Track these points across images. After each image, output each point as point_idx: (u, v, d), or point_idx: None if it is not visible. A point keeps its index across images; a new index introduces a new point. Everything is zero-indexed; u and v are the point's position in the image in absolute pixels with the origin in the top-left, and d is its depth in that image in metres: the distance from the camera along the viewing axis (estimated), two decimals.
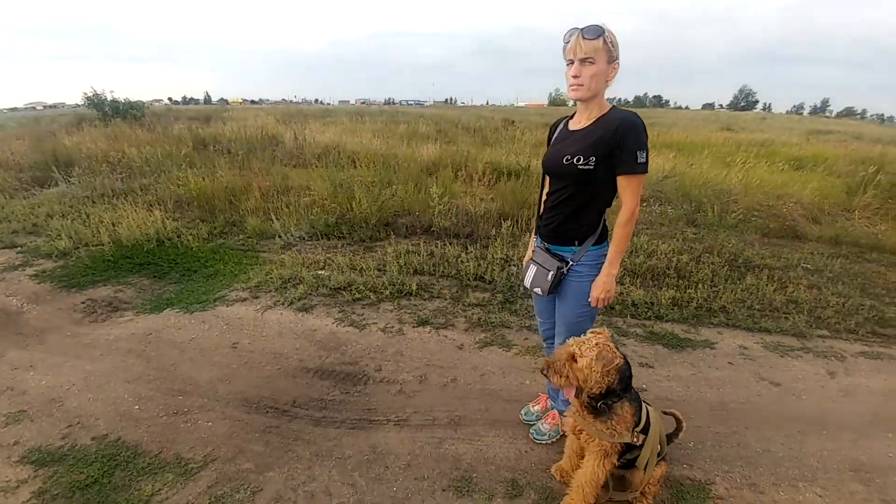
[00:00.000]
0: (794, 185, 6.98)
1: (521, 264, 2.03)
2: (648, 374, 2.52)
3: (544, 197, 1.80)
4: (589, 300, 1.64)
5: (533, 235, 1.92)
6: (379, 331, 2.90)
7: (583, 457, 1.70)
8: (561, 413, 2.01)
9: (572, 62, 1.50)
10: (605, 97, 1.55)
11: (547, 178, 1.77)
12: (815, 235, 5.03)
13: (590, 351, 1.43)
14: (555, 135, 1.72)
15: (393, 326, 2.95)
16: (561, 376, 1.45)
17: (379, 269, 3.75)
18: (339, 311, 3.12)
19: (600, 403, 1.52)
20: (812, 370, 2.62)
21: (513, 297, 3.37)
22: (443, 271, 3.76)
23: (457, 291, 3.47)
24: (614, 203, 1.61)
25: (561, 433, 2.01)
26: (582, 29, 1.46)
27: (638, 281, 3.66)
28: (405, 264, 3.79)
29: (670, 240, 4.57)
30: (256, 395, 2.27)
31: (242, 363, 2.53)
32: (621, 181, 1.50)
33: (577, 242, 1.65)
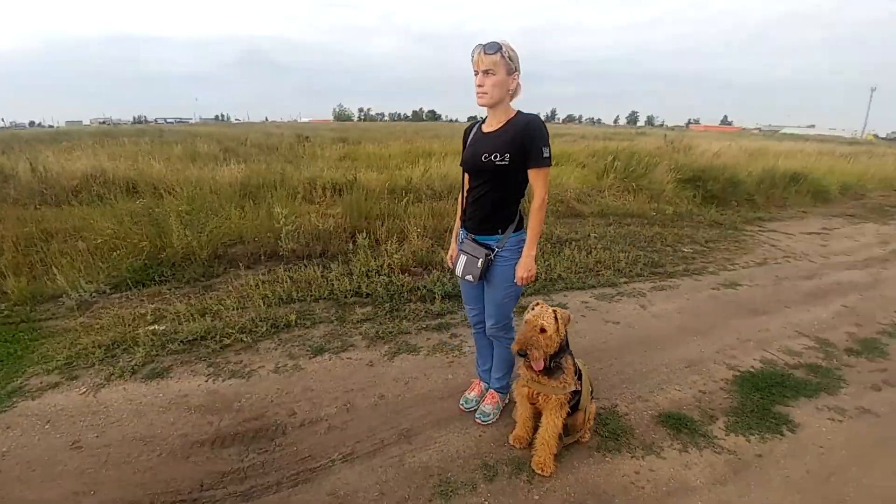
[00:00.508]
0: (561, 177, 9.03)
1: (449, 261, 2.13)
2: None
3: (465, 193, 1.96)
4: (514, 280, 1.87)
5: (457, 229, 2.06)
6: (271, 373, 2.52)
7: (535, 421, 1.94)
8: (499, 390, 2.20)
9: (477, 73, 1.70)
10: (512, 105, 1.80)
11: (467, 176, 1.93)
12: (588, 212, 6.66)
13: (549, 317, 1.66)
14: (469, 137, 1.89)
15: (285, 364, 2.61)
16: (538, 349, 1.63)
17: (239, 307, 3.23)
18: (208, 366, 2.58)
19: (553, 363, 1.77)
20: (630, 307, 3.54)
21: (398, 304, 3.41)
22: (314, 294, 3.50)
23: (337, 312, 3.29)
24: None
25: (501, 409, 2.20)
26: (484, 45, 1.67)
27: None
28: (271, 295, 3.37)
29: None
30: (146, 495, 1.71)
31: (101, 464, 1.84)
32: (531, 173, 1.76)
33: (500, 231, 1.85)
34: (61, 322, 3.05)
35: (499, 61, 1.65)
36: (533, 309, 1.74)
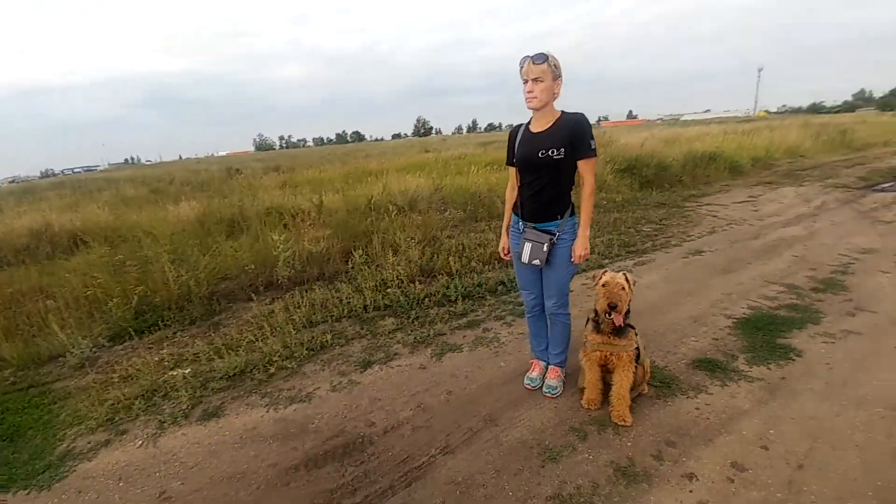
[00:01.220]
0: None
1: (502, 253, 2.36)
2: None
3: (515, 190, 2.19)
4: (572, 259, 2.13)
5: (507, 223, 2.29)
6: (330, 392, 2.56)
7: (602, 383, 2.19)
8: (559, 364, 2.43)
9: (527, 81, 1.95)
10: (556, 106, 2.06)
11: (514, 173, 2.16)
12: None
13: (623, 279, 1.93)
14: (517, 139, 2.13)
15: (340, 381, 2.65)
16: (623, 302, 1.89)
17: (262, 338, 3.17)
18: (262, 396, 2.55)
19: (626, 323, 2.04)
20: None
21: (420, 311, 3.53)
22: (334, 314, 3.52)
23: (364, 327, 3.35)
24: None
25: (564, 381, 2.42)
26: (532, 56, 1.93)
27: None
28: (297, 320, 3.35)
29: (466, 235, 5.63)
30: None
31: None
32: (582, 164, 2.03)
33: (559, 217, 2.10)
34: (72, 381, 2.83)
35: (546, 70, 1.92)
36: (604, 275, 2.00)
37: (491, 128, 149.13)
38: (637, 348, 2.13)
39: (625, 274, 1.99)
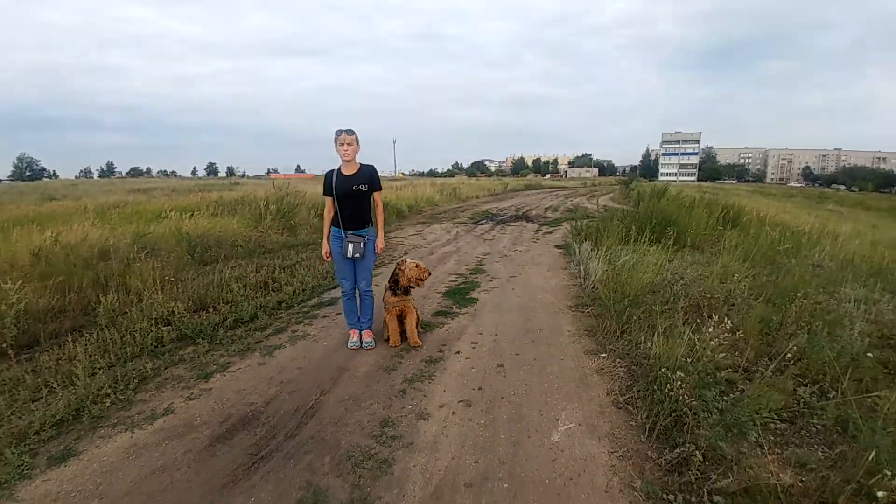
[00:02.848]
0: (220, 227, 9.68)
1: (325, 255, 3.45)
2: None
3: (331, 212, 3.39)
4: (376, 251, 3.54)
5: (327, 234, 3.44)
6: (188, 400, 2.84)
7: (401, 326, 3.66)
8: (370, 328, 3.70)
9: (342, 144, 3.27)
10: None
11: (329, 202, 3.37)
12: (271, 248, 8.06)
13: (417, 265, 3.47)
14: (334, 180, 3.35)
15: (191, 392, 2.94)
16: (415, 280, 3.40)
17: (66, 388, 2.84)
18: (112, 427, 2.55)
19: (408, 288, 3.57)
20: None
21: (222, 335, 3.91)
22: (128, 354, 3.41)
23: (171, 357, 3.48)
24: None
25: (370, 331, 3.69)
26: (345, 130, 3.28)
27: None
28: (89, 366, 3.09)
29: (213, 273, 6.02)
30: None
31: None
32: (375, 195, 3.50)
33: (368, 225, 3.46)
34: None
35: (354, 138, 3.31)
36: (408, 262, 3.48)
37: (137, 172, 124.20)
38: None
39: (416, 262, 3.55)
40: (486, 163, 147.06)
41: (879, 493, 1.60)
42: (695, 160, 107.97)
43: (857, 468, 1.84)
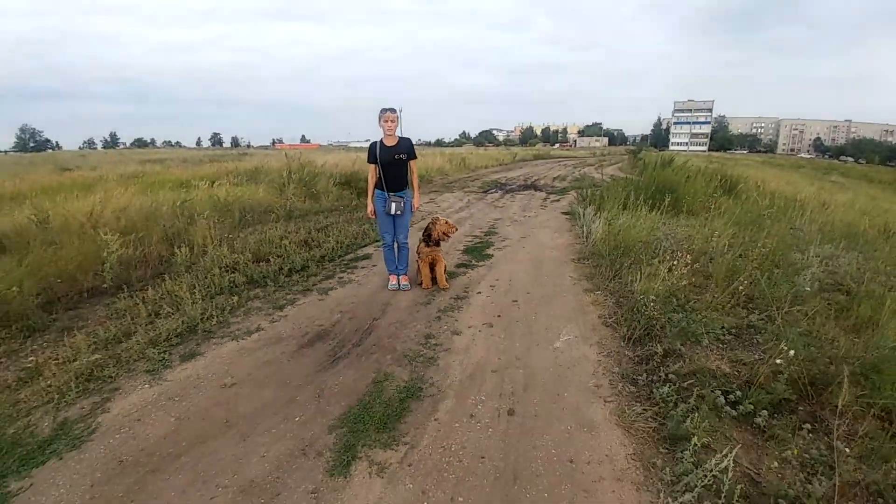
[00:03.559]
0: (250, 193, 10.45)
1: (369, 212, 4.21)
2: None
3: (374, 177, 4.13)
4: (412, 210, 4.30)
5: (371, 195, 4.18)
6: (270, 323, 3.68)
7: (432, 272, 4.45)
8: (406, 273, 4.50)
9: (387, 121, 3.98)
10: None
11: (373, 168, 4.11)
12: (297, 214, 8.84)
13: (446, 222, 4.24)
14: (378, 150, 4.07)
15: (270, 318, 3.78)
16: (444, 234, 4.17)
17: (173, 311, 3.70)
18: (221, 338, 3.40)
19: (438, 241, 4.35)
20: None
21: (283, 281, 4.73)
22: (211, 293, 4.25)
23: (248, 293, 4.31)
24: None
25: (408, 275, 4.50)
26: (389, 108, 3.98)
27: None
28: (183, 298, 3.93)
29: (259, 233, 6.82)
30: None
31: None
32: (412, 163, 4.23)
33: (406, 188, 4.21)
34: None
35: (396, 116, 4.01)
36: (438, 219, 4.25)
37: (141, 143, 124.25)
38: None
39: (445, 219, 4.32)
40: (495, 132, 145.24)
41: (778, 360, 2.40)
42: (706, 129, 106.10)
43: (773, 356, 2.63)
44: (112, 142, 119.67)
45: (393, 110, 4.03)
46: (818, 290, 3.99)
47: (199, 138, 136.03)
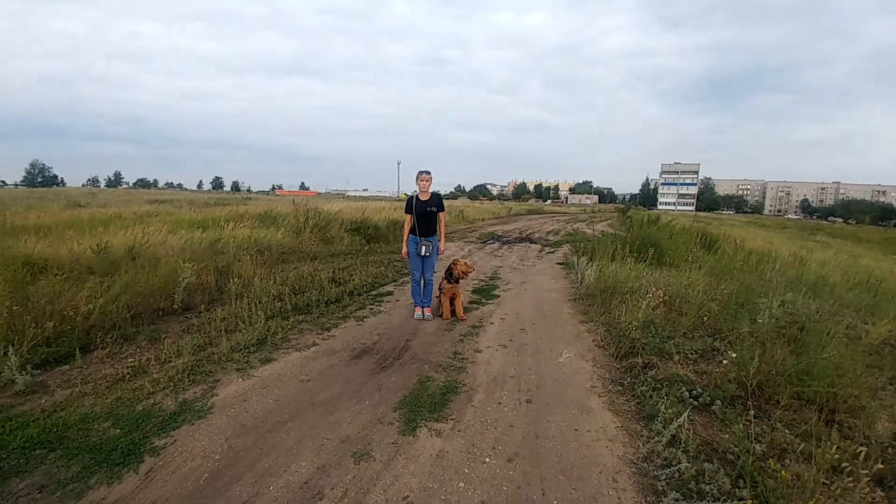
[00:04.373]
0: (270, 235, 11.38)
1: (404, 254, 5.13)
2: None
3: (409, 224, 5.10)
4: (439, 252, 5.24)
5: (406, 239, 5.13)
6: (321, 340, 4.47)
7: (452, 305, 5.33)
8: (429, 306, 5.36)
9: (422, 182, 5.02)
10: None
11: (409, 217, 5.09)
12: (310, 256, 9.75)
13: (465, 263, 5.17)
14: (414, 203, 5.07)
15: (320, 337, 4.57)
16: (465, 273, 5.10)
17: (242, 328, 4.48)
18: (284, 351, 4.18)
19: (459, 280, 5.26)
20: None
21: (323, 309, 5.55)
22: (265, 315, 5.04)
23: (295, 319, 5.11)
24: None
25: (431, 307, 5.34)
26: (424, 171, 5.04)
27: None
28: (247, 318, 4.72)
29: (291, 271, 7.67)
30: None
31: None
32: (440, 214, 5.23)
33: (434, 234, 5.17)
34: (76, 386, 3.41)
35: (430, 177, 5.07)
36: (458, 260, 5.18)
37: (145, 183, 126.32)
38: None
39: (463, 260, 5.25)
40: (489, 186, 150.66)
41: (724, 361, 3.26)
42: (693, 190, 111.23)
43: (728, 366, 3.49)
44: (116, 181, 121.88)
45: (428, 172, 5.08)
46: (774, 326, 4.91)
47: (200, 181, 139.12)
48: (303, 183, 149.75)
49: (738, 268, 8.41)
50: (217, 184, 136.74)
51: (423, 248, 5.10)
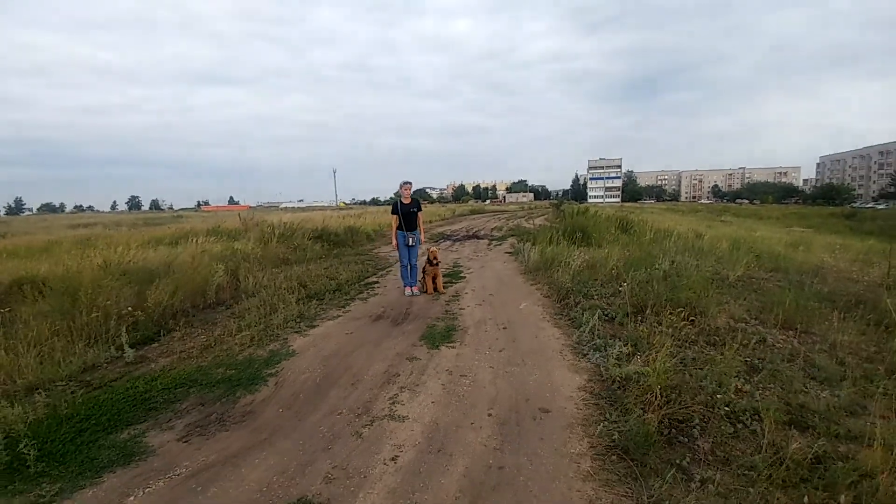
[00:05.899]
0: (240, 246, 12.38)
1: (393, 245, 6.77)
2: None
3: (396, 223, 6.77)
4: (421, 243, 6.95)
5: (395, 234, 6.79)
6: (343, 311, 5.99)
7: (434, 283, 7.05)
8: (413, 285, 7.03)
9: (405, 189, 6.72)
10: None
11: (395, 218, 6.76)
12: (296, 260, 11.05)
13: (437, 250, 6.91)
14: (399, 206, 6.74)
15: (343, 308, 6.07)
16: (437, 259, 6.85)
17: (273, 313, 5.87)
18: (310, 322, 5.65)
19: (435, 261, 7.00)
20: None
21: (331, 296, 7.01)
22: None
23: (311, 303, 6.54)
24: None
25: (419, 286, 7.01)
26: (407, 181, 6.73)
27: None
28: (274, 306, 6.12)
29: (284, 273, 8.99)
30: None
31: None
32: (419, 214, 6.94)
33: (416, 229, 6.88)
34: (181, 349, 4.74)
35: (411, 186, 6.79)
36: (433, 249, 6.92)
37: (50, 208, 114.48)
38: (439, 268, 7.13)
39: (438, 249, 6.99)
40: (428, 190, 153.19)
41: (620, 289, 5.27)
42: (618, 183, 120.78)
43: (624, 296, 5.50)
44: (17, 207, 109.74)
45: (409, 182, 6.78)
46: (663, 276, 7.11)
47: (114, 202, 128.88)
48: (231, 197, 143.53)
49: (647, 242, 10.89)
50: (134, 203, 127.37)
51: (410, 239, 6.78)
